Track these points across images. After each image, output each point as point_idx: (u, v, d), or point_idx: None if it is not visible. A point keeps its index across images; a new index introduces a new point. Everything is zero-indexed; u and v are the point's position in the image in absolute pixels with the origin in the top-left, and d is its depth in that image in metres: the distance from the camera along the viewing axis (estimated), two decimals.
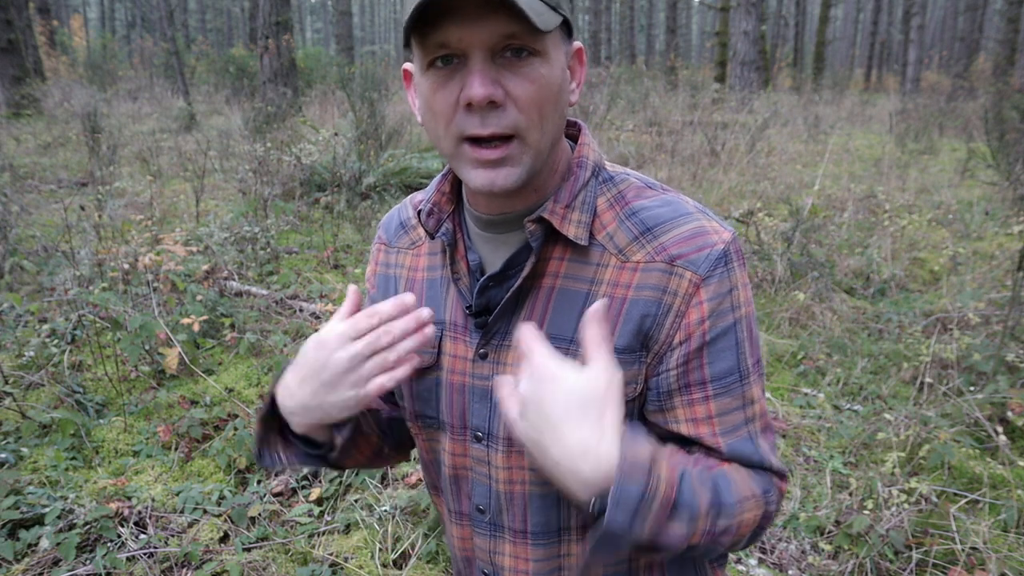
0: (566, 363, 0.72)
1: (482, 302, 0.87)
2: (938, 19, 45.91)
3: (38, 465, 2.67)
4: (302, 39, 54.36)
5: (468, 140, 0.77)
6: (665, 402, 0.83)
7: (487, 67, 0.73)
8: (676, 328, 0.80)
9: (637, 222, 0.83)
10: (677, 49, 22.41)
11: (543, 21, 0.72)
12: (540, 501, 0.90)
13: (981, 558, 2.24)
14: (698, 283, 0.79)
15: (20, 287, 4.21)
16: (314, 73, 15.70)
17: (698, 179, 7.26)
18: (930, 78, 23.46)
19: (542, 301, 0.84)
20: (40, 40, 16.26)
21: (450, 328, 0.91)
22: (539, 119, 0.76)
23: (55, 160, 8.55)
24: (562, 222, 0.82)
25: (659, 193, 0.86)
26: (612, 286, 0.82)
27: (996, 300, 4.10)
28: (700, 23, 59.50)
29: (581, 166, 0.86)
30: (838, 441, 2.97)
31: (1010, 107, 7.33)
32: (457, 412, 0.91)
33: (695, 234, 0.81)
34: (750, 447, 0.83)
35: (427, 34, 0.73)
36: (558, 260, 0.84)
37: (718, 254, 0.80)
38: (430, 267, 0.95)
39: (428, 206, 0.89)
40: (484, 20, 0.71)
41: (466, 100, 0.74)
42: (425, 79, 0.77)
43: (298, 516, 2.46)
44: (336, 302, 4.24)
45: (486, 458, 0.91)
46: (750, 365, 0.83)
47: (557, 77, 0.78)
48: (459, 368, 0.90)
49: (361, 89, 7.66)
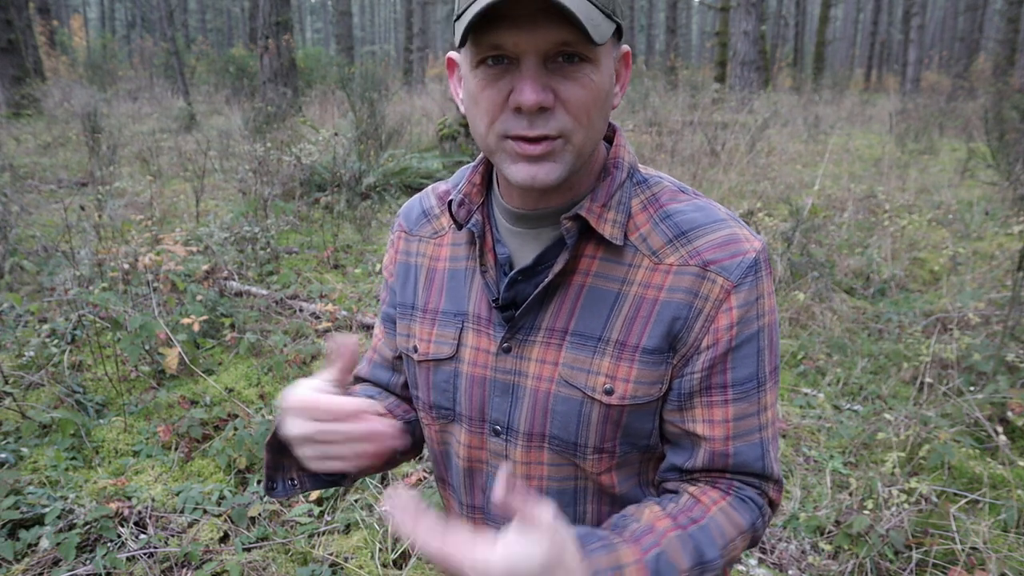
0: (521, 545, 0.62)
1: (509, 296, 0.87)
2: (938, 19, 45.91)
3: (38, 465, 2.67)
4: (302, 39, 54.36)
5: (511, 138, 0.77)
6: (685, 402, 0.84)
7: (539, 72, 0.74)
8: (705, 332, 0.81)
9: (672, 225, 0.84)
10: (677, 49, 22.41)
11: (599, 33, 0.72)
12: (557, 497, 0.90)
13: (981, 558, 2.24)
14: (730, 289, 0.80)
15: (20, 287, 4.21)
16: (314, 73, 15.69)
17: (698, 179, 7.26)
18: (930, 78, 23.47)
19: (571, 298, 0.85)
20: (40, 40, 16.26)
21: (472, 320, 0.90)
22: (587, 123, 0.77)
23: (55, 160, 8.55)
24: (599, 221, 0.82)
25: (692, 198, 0.87)
26: (644, 287, 0.83)
27: (996, 300, 4.10)
28: (700, 23, 59.50)
29: (617, 167, 0.86)
30: (838, 441, 2.97)
31: (1010, 107, 7.33)
32: (476, 405, 0.91)
33: (728, 240, 0.82)
34: (757, 452, 0.85)
35: (482, 34, 0.73)
36: (590, 258, 0.85)
37: (750, 262, 0.81)
38: (453, 258, 0.94)
39: (459, 196, 0.89)
40: (540, 26, 0.71)
41: (515, 104, 0.74)
42: (474, 76, 0.77)
43: (298, 516, 2.46)
44: (336, 302, 4.24)
45: (504, 452, 0.91)
46: (768, 372, 0.85)
47: (606, 83, 0.78)
48: (481, 361, 0.90)
49: (361, 89, 7.66)
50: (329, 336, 0.85)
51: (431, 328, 0.94)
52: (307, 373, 3.44)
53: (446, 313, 0.93)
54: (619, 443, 0.86)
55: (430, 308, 0.95)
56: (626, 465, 0.88)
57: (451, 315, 0.92)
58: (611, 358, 0.83)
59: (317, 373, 0.83)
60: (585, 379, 0.84)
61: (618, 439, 0.86)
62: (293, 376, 3.35)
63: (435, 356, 0.93)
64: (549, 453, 0.88)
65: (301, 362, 3.50)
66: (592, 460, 0.87)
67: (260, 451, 2.74)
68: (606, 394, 0.83)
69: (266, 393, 3.28)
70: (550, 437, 0.87)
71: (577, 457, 0.87)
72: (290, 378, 3.33)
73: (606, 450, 0.86)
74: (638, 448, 0.88)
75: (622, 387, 0.83)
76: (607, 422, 0.84)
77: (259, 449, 2.74)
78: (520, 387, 0.87)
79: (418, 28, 23.95)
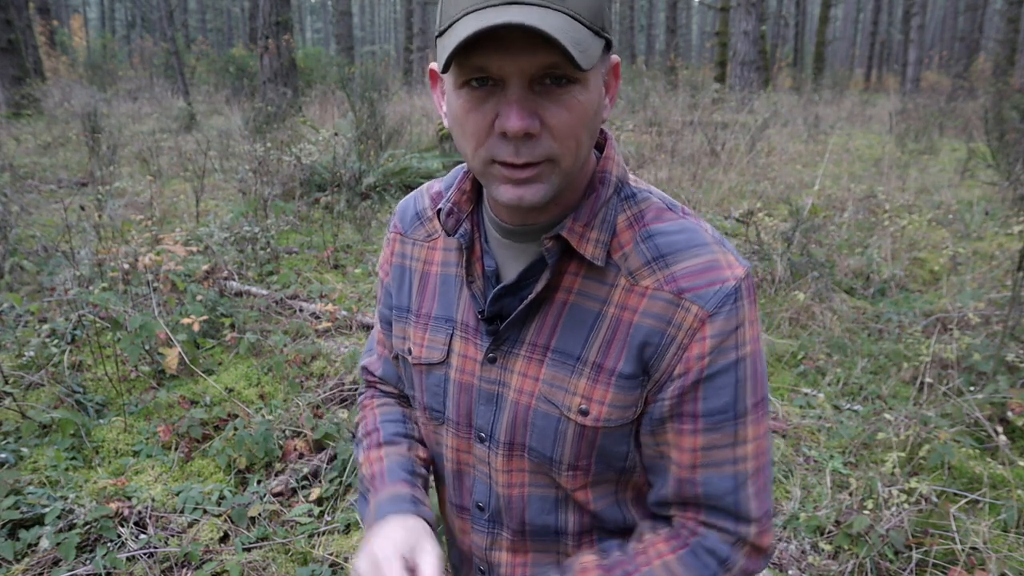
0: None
1: (495, 309, 0.87)
2: (938, 19, 45.90)
3: (38, 465, 2.67)
4: (302, 39, 54.37)
5: (498, 162, 0.76)
6: (656, 427, 0.83)
7: (525, 96, 0.72)
8: (677, 360, 0.80)
9: (652, 246, 0.82)
10: (677, 49, 22.40)
11: (587, 58, 0.69)
12: (539, 504, 0.90)
13: (981, 558, 2.24)
14: (704, 318, 0.78)
15: (20, 287, 4.21)
16: (314, 73, 15.69)
17: (698, 179, 7.26)
18: (930, 78, 23.47)
19: (553, 315, 0.84)
20: (40, 40, 16.26)
21: (461, 328, 0.91)
22: (574, 146, 0.75)
23: (55, 160, 8.55)
24: (580, 241, 0.81)
25: (678, 217, 0.84)
26: (621, 308, 0.82)
27: (996, 300, 4.10)
28: (700, 23, 59.49)
29: (604, 182, 0.84)
30: (838, 441, 2.97)
31: (1010, 107, 7.33)
32: (463, 411, 0.92)
33: (707, 267, 0.80)
34: (728, 485, 0.82)
35: (466, 56, 0.71)
36: (573, 275, 0.84)
37: (728, 290, 0.79)
38: (444, 263, 0.95)
39: (448, 205, 0.88)
40: (526, 50, 0.69)
41: (501, 129, 0.73)
42: (457, 96, 0.75)
43: (298, 516, 2.46)
44: (336, 302, 4.24)
45: (487, 459, 0.92)
46: (749, 404, 0.82)
47: (594, 101, 0.76)
48: (468, 368, 0.91)
49: (361, 89, 7.67)
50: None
51: (424, 332, 0.95)
52: (307, 373, 3.44)
53: (438, 318, 0.93)
54: (594, 462, 0.86)
55: (423, 312, 0.95)
56: (602, 484, 0.88)
57: (442, 320, 0.93)
58: (588, 379, 0.83)
59: (388, 544, 0.84)
60: (562, 397, 0.84)
61: (593, 458, 0.85)
62: (293, 376, 3.36)
63: (427, 360, 0.94)
64: (529, 462, 0.88)
65: (301, 362, 3.50)
66: (567, 476, 0.87)
67: (260, 451, 2.74)
68: (581, 414, 0.83)
69: (266, 393, 3.28)
70: (529, 448, 0.87)
71: (553, 471, 0.87)
72: (290, 378, 3.33)
73: (580, 467, 0.86)
74: (614, 469, 0.87)
75: (596, 409, 0.82)
76: (582, 441, 0.84)
77: (259, 449, 2.74)
78: (503, 397, 0.88)
79: (418, 28, 23.95)
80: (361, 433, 1.07)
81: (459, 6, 0.71)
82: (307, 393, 3.23)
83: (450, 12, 0.73)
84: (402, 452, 1.01)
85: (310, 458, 2.79)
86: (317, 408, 3.12)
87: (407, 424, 1.06)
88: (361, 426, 1.08)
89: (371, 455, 1.02)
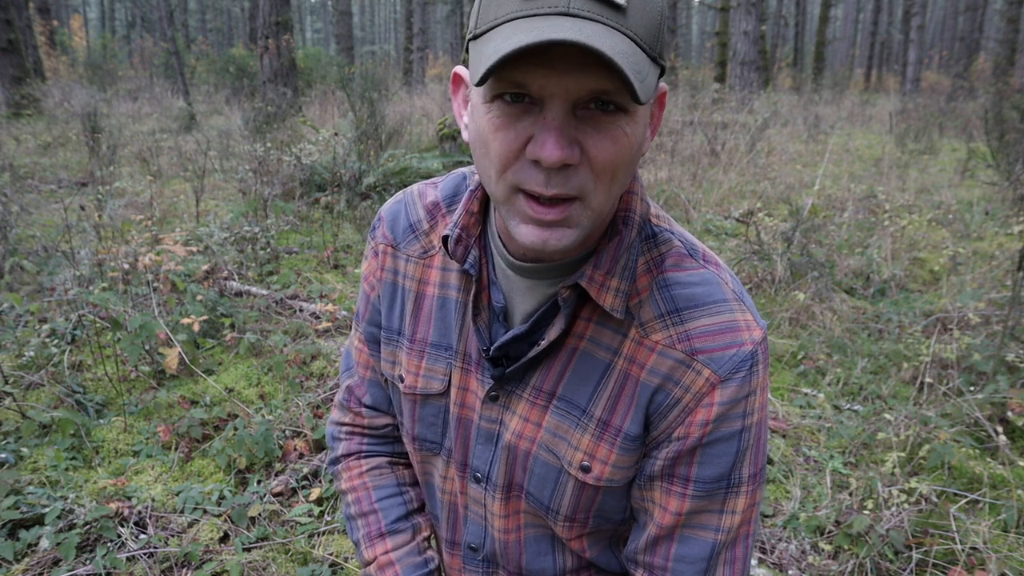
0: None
1: (502, 350, 0.80)
2: (938, 19, 45.90)
3: (38, 465, 2.67)
4: (302, 39, 54.37)
5: (524, 192, 0.66)
6: (645, 483, 0.80)
7: (567, 122, 0.62)
8: (678, 423, 0.75)
9: (668, 297, 0.75)
10: (677, 49, 22.40)
11: (645, 88, 0.60)
12: (536, 545, 0.88)
13: (981, 558, 2.24)
14: (715, 383, 0.73)
15: (20, 287, 4.21)
16: (314, 73, 15.70)
17: (698, 179, 7.26)
18: (930, 78, 23.47)
19: (562, 361, 0.79)
20: (40, 40, 16.26)
21: (462, 359, 0.84)
22: (609, 182, 0.66)
23: (55, 160, 8.55)
24: (600, 291, 0.74)
25: (699, 266, 0.77)
26: (629, 362, 0.76)
27: (996, 300, 4.10)
28: (700, 23, 59.48)
29: (627, 223, 0.76)
30: (838, 441, 2.97)
31: (1010, 107, 7.32)
32: (460, 447, 0.87)
33: (726, 328, 0.74)
34: (703, 552, 0.78)
35: (503, 67, 0.60)
36: (586, 321, 0.78)
37: (744, 355, 0.73)
38: (442, 284, 0.86)
39: (456, 231, 0.79)
40: (575, 70, 0.59)
41: (534, 156, 0.63)
42: (487, 111, 0.65)
43: (298, 516, 2.46)
44: (336, 302, 4.24)
45: (483, 500, 0.88)
46: (745, 475, 0.77)
47: (640, 134, 0.67)
48: (469, 402, 0.85)
49: (361, 89, 7.66)
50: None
51: (420, 360, 0.88)
52: (307, 373, 3.44)
53: (435, 346, 0.86)
54: (592, 516, 0.83)
55: (418, 339, 0.88)
56: (597, 533, 0.86)
57: (441, 348, 0.86)
58: (592, 436, 0.78)
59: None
60: (564, 450, 0.80)
61: (591, 513, 0.83)
62: (293, 376, 3.35)
63: (424, 391, 0.88)
64: (526, 504, 0.85)
65: (301, 362, 3.50)
66: (563, 526, 0.84)
67: (260, 451, 2.74)
68: (582, 471, 0.79)
69: (266, 393, 3.29)
70: (527, 492, 0.84)
71: (549, 519, 0.84)
72: (290, 378, 3.33)
73: (578, 520, 0.83)
74: (612, 522, 0.85)
75: (599, 468, 0.79)
76: (582, 495, 0.81)
77: (259, 449, 2.74)
78: (502, 438, 0.83)
79: (418, 28, 23.95)
80: (355, 511, 0.99)
81: (502, 8, 0.62)
82: (307, 393, 3.23)
83: (489, 14, 0.63)
84: (411, 547, 0.96)
85: (310, 458, 2.79)
86: (317, 408, 3.12)
87: (404, 496, 0.99)
88: (353, 501, 0.99)
89: (377, 549, 0.96)
